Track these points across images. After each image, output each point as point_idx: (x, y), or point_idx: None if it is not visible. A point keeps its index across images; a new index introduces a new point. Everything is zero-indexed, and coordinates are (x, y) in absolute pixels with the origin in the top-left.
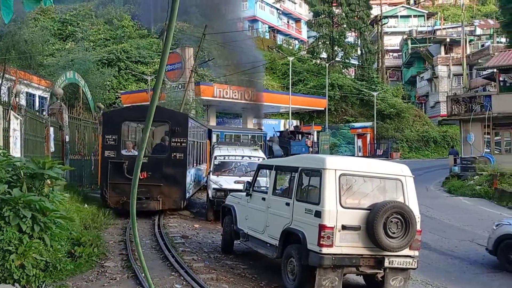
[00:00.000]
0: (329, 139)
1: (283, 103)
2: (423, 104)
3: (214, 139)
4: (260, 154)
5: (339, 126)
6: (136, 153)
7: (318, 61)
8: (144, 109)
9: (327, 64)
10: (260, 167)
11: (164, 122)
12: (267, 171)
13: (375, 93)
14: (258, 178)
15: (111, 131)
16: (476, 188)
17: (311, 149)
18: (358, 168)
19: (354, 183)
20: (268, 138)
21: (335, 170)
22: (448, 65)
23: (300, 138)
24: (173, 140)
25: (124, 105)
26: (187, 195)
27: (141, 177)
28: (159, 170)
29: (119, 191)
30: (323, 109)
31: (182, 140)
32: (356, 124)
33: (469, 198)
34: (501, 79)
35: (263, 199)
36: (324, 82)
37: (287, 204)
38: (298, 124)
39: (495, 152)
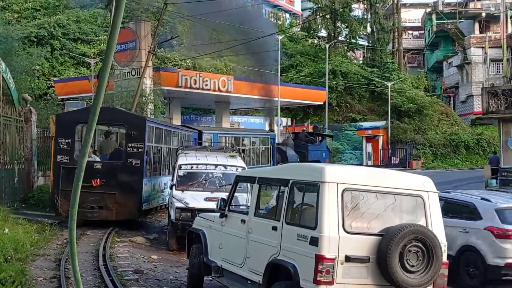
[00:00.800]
0: (330, 143)
1: (271, 96)
2: (452, 98)
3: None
4: (239, 162)
5: (342, 126)
6: (97, 158)
7: (315, 41)
8: (104, 111)
9: (327, 45)
10: (239, 179)
11: (120, 126)
12: (248, 184)
13: (389, 84)
14: (236, 194)
15: (64, 134)
16: None
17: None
18: (367, 181)
19: (362, 200)
20: (281, 141)
21: (337, 183)
22: (483, 47)
23: (319, 141)
24: (129, 145)
25: (60, 97)
26: (145, 206)
27: (94, 184)
28: (114, 177)
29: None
30: (321, 103)
31: (139, 145)
32: (365, 124)
33: None
34: None
35: (243, 221)
36: (323, 69)
37: (274, 228)
38: (290, 122)
39: None
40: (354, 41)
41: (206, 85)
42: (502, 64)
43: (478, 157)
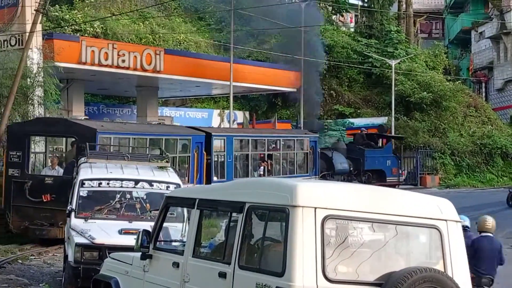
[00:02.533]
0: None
1: (219, 78)
2: (484, 85)
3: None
4: (171, 177)
5: (325, 124)
6: (61, 170)
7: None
8: (54, 122)
9: (303, 5)
10: (171, 202)
11: (70, 137)
12: (184, 210)
13: (393, 62)
14: (166, 225)
15: (15, 147)
16: None
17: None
18: (360, 204)
19: (352, 234)
20: (331, 145)
21: (315, 208)
22: None
23: (383, 144)
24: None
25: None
26: None
27: (44, 200)
28: (65, 192)
29: (22, 214)
30: (294, 90)
31: None
32: (358, 121)
33: None
34: None
35: (176, 265)
36: (298, 40)
37: (222, 275)
38: (248, 117)
39: None
40: None
41: (123, 61)
42: None
43: None
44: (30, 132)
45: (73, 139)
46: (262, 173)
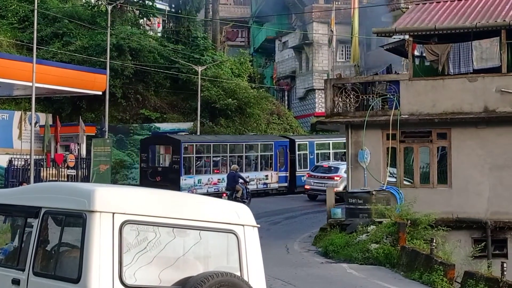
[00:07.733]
0: (111, 152)
1: (21, 79)
2: (286, 93)
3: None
4: None
5: (130, 129)
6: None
7: (93, 1)
8: (161, 137)
9: (109, 7)
10: None
11: (168, 145)
12: None
13: (199, 68)
14: None
15: (144, 151)
16: (371, 249)
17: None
18: (160, 210)
19: (151, 239)
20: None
21: (113, 213)
22: (329, 23)
23: None
24: (173, 156)
25: None
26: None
27: (157, 180)
28: (166, 175)
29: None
30: (100, 93)
31: (177, 157)
32: (164, 126)
33: (359, 266)
34: (416, 53)
35: None
36: (103, 42)
37: (15, 282)
38: (51, 120)
39: (405, 182)
40: (150, 3)
41: None
42: (351, 47)
43: None
44: (150, 143)
45: (170, 146)
46: None
